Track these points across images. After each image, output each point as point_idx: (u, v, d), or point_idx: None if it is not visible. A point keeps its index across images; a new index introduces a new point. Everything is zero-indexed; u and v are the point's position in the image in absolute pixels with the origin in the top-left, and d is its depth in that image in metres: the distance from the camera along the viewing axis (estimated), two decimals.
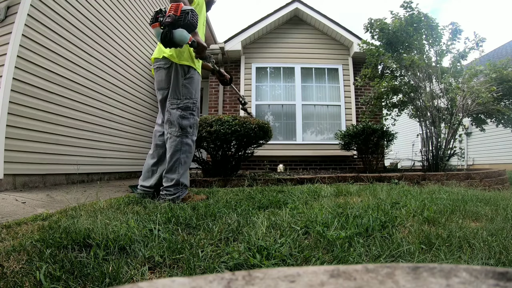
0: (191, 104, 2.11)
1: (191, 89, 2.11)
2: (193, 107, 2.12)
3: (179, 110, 2.09)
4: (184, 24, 1.76)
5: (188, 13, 1.77)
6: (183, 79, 2.11)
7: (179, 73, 2.10)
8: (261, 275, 0.27)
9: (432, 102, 4.36)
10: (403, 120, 8.25)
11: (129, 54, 5.25)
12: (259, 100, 6.02)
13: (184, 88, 2.10)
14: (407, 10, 4.47)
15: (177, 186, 2.08)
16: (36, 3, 3.18)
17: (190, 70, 2.13)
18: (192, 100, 2.12)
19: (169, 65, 2.12)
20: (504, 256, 1.03)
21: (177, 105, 2.10)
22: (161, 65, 2.15)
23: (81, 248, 1.12)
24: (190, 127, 2.11)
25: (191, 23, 1.77)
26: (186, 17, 1.75)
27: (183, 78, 2.11)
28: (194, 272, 0.93)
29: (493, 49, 12.06)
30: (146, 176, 2.31)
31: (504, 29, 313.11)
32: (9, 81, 2.86)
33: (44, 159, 3.36)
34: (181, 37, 1.78)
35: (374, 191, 2.39)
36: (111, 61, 4.66)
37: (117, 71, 4.82)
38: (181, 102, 2.10)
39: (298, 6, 6.07)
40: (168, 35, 1.76)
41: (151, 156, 2.32)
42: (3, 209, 2.04)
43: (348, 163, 5.92)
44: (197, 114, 2.18)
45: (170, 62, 2.11)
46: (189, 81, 2.12)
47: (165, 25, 1.75)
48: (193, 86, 2.13)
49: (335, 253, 1.05)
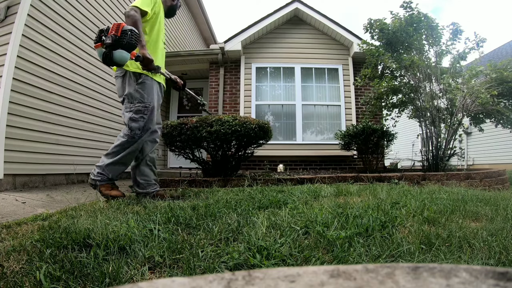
0: (142, 108, 2.22)
1: (143, 93, 2.22)
2: (145, 111, 2.22)
3: (131, 113, 2.22)
4: (124, 45, 1.87)
5: (127, 33, 1.88)
6: (135, 85, 2.23)
7: (132, 80, 2.24)
8: (261, 275, 0.27)
9: (432, 102, 4.36)
10: (403, 120, 8.25)
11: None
12: (259, 100, 6.02)
13: (137, 92, 2.22)
14: (407, 10, 4.47)
15: (102, 171, 2.19)
16: (36, 3, 3.18)
17: (141, 76, 2.24)
18: (144, 104, 2.22)
19: (124, 73, 2.26)
20: (504, 256, 1.03)
21: (130, 108, 2.23)
22: (118, 74, 2.30)
23: (81, 248, 1.12)
24: (139, 129, 2.21)
25: (129, 44, 1.89)
26: (125, 38, 1.87)
27: (136, 83, 2.23)
28: (194, 272, 0.93)
29: (493, 49, 12.06)
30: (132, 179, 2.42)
31: (504, 29, 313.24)
32: (9, 81, 2.87)
33: (44, 159, 3.36)
34: (121, 58, 1.89)
35: (374, 191, 2.39)
36: None
37: None
38: (133, 106, 2.22)
39: (298, 6, 6.07)
40: (108, 55, 1.88)
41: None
42: (3, 209, 2.04)
43: (348, 163, 5.92)
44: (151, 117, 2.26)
45: (124, 71, 2.25)
46: (141, 86, 2.23)
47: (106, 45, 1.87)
48: (145, 90, 2.23)
49: (335, 253, 1.05)
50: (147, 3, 2.20)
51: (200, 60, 6.32)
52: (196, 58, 6.29)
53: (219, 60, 6.05)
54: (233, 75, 6.23)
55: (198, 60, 6.33)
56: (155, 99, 2.28)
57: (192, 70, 6.67)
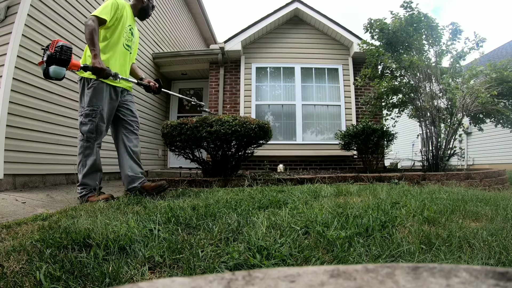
0: (90, 111, 2.31)
1: (92, 97, 2.31)
2: (93, 114, 2.31)
3: (81, 117, 2.34)
4: (57, 61, 2.00)
5: (58, 50, 2.00)
6: (86, 90, 2.34)
7: (85, 85, 2.36)
8: (261, 275, 0.27)
9: (432, 102, 4.36)
10: (403, 120, 8.25)
11: None
12: (259, 100, 6.02)
13: (86, 97, 2.33)
14: (407, 10, 4.47)
15: (83, 185, 2.34)
16: (36, 3, 3.18)
17: (91, 81, 2.32)
18: (92, 108, 2.31)
19: (80, 79, 2.40)
20: (504, 256, 1.03)
21: (81, 112, 2.35)
22: (77, 81, 2.45)
23: (81, 248, 1.12)
24: (89, 131, 2.32)
25: (61, 60, 2.01)
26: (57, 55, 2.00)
27: (87, 88, 2.34)
28: (194, 272, 0.93)
29: (493, 49, 12.05)
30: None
31: (504, 29, 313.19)
32: (9, 81, 2.87)
33: (44, 159, 3.36)
34: (55, 73, 2.03)
35: (374, 191, 2.39)
36: None
37: None
38: (83, 110, 2.33)
39: (298, 6, 6.07)
40: (45, 71, 2.03)
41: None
42: (3, 209, 2.04)
43: (348, 163, 5.92)
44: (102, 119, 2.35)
45: (80, 77, 2.38)
46: (91, 90, 2.32)
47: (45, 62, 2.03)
48: (95, 95, 2.31)
49: (335, 253, 1.05)
50: (106, 11, 2.29)
51: (200, 60, 6.32)
52: (196, 58, 6.29)
53: (219, 60, 6.05)
54: (233, 75, 6.23)
55: (198, 60, 6.33)
56: (106, 102, 2.35)
57: (192, 70, 6.67)
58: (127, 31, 2.50)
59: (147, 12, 2.69)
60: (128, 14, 2.50)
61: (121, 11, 2.41)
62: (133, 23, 2.60)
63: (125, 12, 2.45)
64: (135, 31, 2.66)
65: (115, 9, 2.35)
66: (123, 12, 2.43)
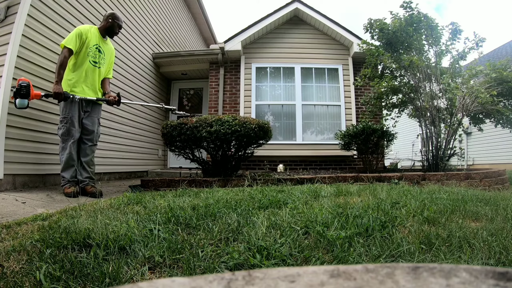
0: (62, 118, 2.86)
1: (63, 107, 2.86)
2: (64, 120, 2.84)
3: (59, 123, 2.90)
4: (19, 95, 2.56)
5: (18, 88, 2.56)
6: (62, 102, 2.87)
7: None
8: (261, 275, 0.27)
9: (431, 102, 4.36)
10: (403, 120, 8.26)
11: (129, 54, 5.26)
12: (259, 100, 6.02)
13: (61, 107, 2.90)
14: (407, 10, 4.47)
15: (62, 178, 2.88)
16: (36, 3, 3.18)
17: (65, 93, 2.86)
18: (63, 115, 2.85)
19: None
20: (504, 256, 1.03)
21: (59, 119, 2.90)
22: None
23: (81, 248, 1.12)
24: (63, 134, 2.84)
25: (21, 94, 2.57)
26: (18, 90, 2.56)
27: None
28: (194, 272, 0.93)
29: (493, 49, 12.05)
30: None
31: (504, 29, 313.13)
32: (9, 81, 2.86)
33: (44, 159, 3.36)
34: (20, 104, 2.60)
35: (374, 191, 2.39)
36: None
37: (117, 71, 4.82)
38: (60, 118, 2.89)
39: (298, 6, 6.07)
40: (14, 103, 2.62)
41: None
42: (3, 209, 2.04)
43: (348, 163, 5.92)
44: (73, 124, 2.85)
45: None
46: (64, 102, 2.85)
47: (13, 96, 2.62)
48: (66, 105, 2.84)
49: (335, 253, 1.05)
50: (70, 40, 2.80)
51: (200, 60, 6.32)
52: (196, 58, 6.29)
53: (219, 60, 6.05)
54: (233, 75, 6.23)
55: (198, 60, 6.33)
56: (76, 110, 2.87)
57: (192, 70, 6.67)
58: (93, 50, 2.98)
59: (113, 30, 3.13)
60: (92, 35, 2.97)
61: (85, 35, 2.90)
62: (100, 42, 3.06)
63: (89, 34, 2.93)
64: (106, 48, 3.13)
65: (80, 36, 2.85)
66: (87, 35, 2.92)
